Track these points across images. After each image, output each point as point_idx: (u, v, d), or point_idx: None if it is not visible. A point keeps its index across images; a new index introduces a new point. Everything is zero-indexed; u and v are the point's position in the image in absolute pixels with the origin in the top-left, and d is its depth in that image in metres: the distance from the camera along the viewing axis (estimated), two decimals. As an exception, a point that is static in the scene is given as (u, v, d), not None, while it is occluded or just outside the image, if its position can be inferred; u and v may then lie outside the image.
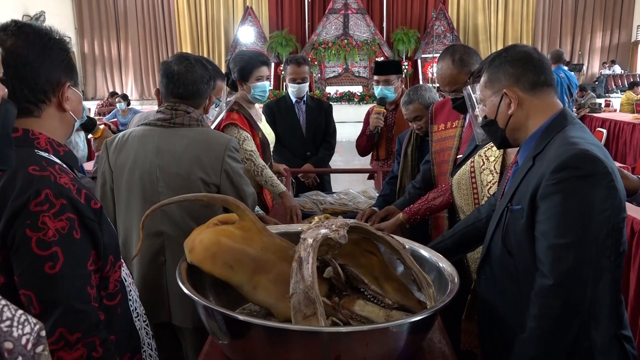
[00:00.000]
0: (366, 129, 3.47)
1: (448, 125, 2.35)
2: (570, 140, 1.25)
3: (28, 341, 0.72)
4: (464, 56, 2.09)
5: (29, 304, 1.07)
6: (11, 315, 0.72)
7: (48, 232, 1.07)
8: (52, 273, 1.07)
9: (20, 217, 1.06)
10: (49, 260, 1.07)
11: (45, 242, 1.07)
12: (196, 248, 1.39)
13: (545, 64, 1.39)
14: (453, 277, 1.39)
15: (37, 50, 1.14)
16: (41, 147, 1.17)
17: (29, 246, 1.06)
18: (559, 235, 1.19)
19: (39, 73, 1.15)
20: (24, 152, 1.13)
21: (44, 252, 1.07)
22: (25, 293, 1.08)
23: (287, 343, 1.18)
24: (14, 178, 1.09)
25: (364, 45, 15.57)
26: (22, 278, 1.08)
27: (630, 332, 1.32)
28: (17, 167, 1.09)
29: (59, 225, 1.09)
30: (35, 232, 1.07)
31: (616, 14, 16.26)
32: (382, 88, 3.36)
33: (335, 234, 1.28)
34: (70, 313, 1.09)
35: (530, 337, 1.24)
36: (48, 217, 1.08)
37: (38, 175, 1.10)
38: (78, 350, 1.09)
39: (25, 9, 13.94)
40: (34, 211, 1.07)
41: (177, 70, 1.82)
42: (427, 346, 1.40)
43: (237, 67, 2.78)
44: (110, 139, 1.91)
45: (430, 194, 2.15)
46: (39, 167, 1.12)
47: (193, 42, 16.76)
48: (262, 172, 2.63)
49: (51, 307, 1.08)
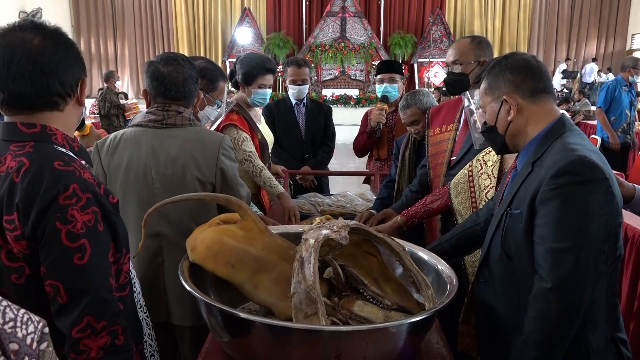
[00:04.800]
0: (366, 128, 3.45)
1: (443, 128, 2.38)
2: (569, 147, 1.28)
3: (33, 340, 0.73)
4: (482, 42, 2.27)
5: (55, 294, 1.12)
6: (14, 316, 0.72)
7: (77, 224, 1.12)
8: (81, 264, 1.13)
9: (50, 210, 1.11)
10: (77, 252, 1.12)
11: (74, 234, 1.12)
12: (198, 247, 1.40)
13: (543, 72, 1.42)
14: (451, 279, 1.41)
15: (63, 46, 1.20)
16: (58, 143, 1.21)
17: (58, 238, 1.11)
18: (558, 240, 1.21)
19: (68, 68, 1.21)
20: (46, 147, 1.18)
21: (73, 243, 1.12)
22: (52, 283, 1.12)
23: (289, 341, 1.20)
24: (41, 173, 1.12)
25: (360, 48, 15.63)
26: (51, 269, 1.12)
27: (625, 335, 1.34)
28: (43, 162, 1.14)
29: (86, 219, 1.14)
30: (64, 224, 1.11)
31: (611, 23, 16.42)
32: (386, 85, 3.37)
33: (336, 235, 1.29)
34: (97, 302, 1.14)
35: (528, 339, 1.26)
36: (76, 210, 1.13)
37: (64, 170, 1.14)
38: (102, 338, 1.14)
39: (22, 6, 13.89)
40: (63, 205, 1.11)
41: (166, 72, 1.80)
42: (425, 347, 1.42)
43: (242, 69, 2.79)
44: (101, 141, 1.89)
45: (428, 197, 2.17)
46: (63, 162, 1.16)
47: (190, 42, 16.75)
48: (260, 173, 2.64)
49: (79, 296, 1.13)
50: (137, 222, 1.80)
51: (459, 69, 2.24)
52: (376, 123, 3.35)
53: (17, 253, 1.13)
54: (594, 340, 1.28)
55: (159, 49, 16.70)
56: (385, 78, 3.39)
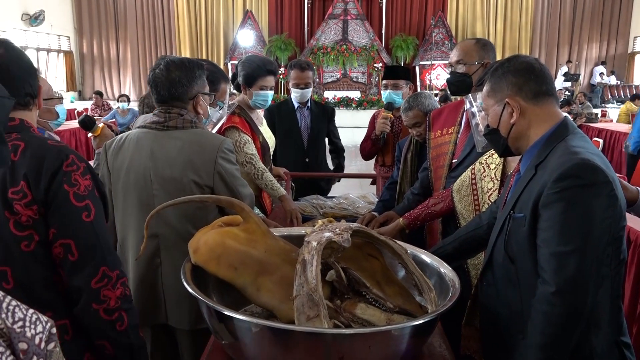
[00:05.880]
0: (371, 133, 3.42)
1: (444, 131, 2.38)
2: (572, 150, 1.27)
3: (41, 340, 0.73)
4: (487, 45, 2.28)
5: (66, 252, 1.26)
6: (23, 316, 0.73)
7: (80, 187, 1.28)
8: (89, 221, 1.28)
9: (58, 175, 1.25)
10: (84, 210, 1.28)
11: (80, 195, 1.28)
12: (201, 249, 1.41)
13: (546, 74, 1.42)
14: (454, 282, 1.41)
15: (27, 58, 1.36)
16: (35, 134, 1.34)
17: (67, 198, 1.26)
18: (561, 243, 1.21)
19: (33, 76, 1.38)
20: (32, 134, 1.32)
21: (80, 203, 1.28)
22: (63, 242, 1.26)
23: (291, 344, 1.20)
24: (41, 147, 1.27)
25: (362, 51, 15.63)
26: (62, 228, 1.26)
27: (629, 339, 1.34)
28: (37, 141, 1.29)
29: (86, 183, 1.30)
30: (71, 187, 1.27)
31: (613, 25, 16.40)
32: (390, 92, 3.32)
33: (339, 238, 1.29)
34: (108, 253, 1.30)
35: (531, 343, 1.25)
36: (78, 175, 1.29)
37: (60, 145, 1.31)
38: (119, 289, 1.30)
39: (25, 8, 13.92)
40: (67, 170, 1.27)
41: (155, 74, 1.83)
42: (427, 350, 1.42)
43: (243, 71, 2.79)
44: (109, 142, 1.92)
45: (431, 200, 2.17)
46: (54, 140, 1.33)
47: (192, 44, 16.77)
48: (262, 175, 2.64)
49: (92, 249, 1.27)
50: (137, 222, 1.82)
51: (462, 69, 2.23)
52: (381, 132, 3.33)
53: (25, 221, 1.24)
54: (598, 343, 1.27)
55: (161, 51, 16.71)
56: (389, 84, 3.34)
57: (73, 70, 16.43)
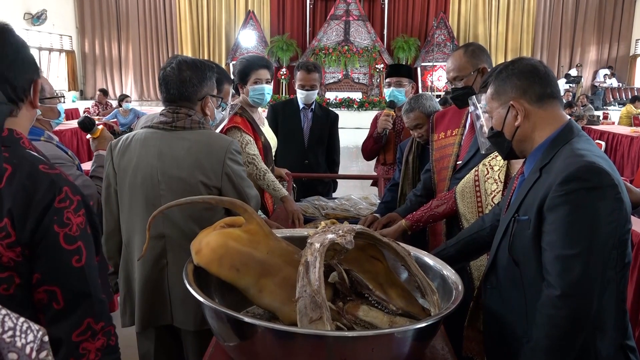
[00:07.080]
0: (373, 132, 3.43)
1: (448, 133, 2.38)
2: (577, 153, 1.27)
3: (32, 349, 0.72)
4: (476, 50, 2.25)
5: (50, 300, 1.10)
6: (13, 325, 0.71)
7: (72, 227, 1.12)
8: (79, 266, 1.12)
9: (48, 214, 1.09)
10: (75, 254, 1.12)
11: (72, 237, 1.11)
12: (203, 250, 1.40)
13: (551, 77, 1.41)
14: (457, 284, 1.40)
15: (12, 48, 1.14)
16: (26, 147, 1.17)
17: (57, 241, 1.10)
18: (567, 246, 1.20)
19: (19, 71, 1.15)
20: (22, 151, 1.14)
21: (71, 246, 1.11)
22: (48, 289, 1.10)
23: (293, 346, 1.19)
24: (30, 177, 1.10)
25: (364, 52, 15.64)
26: (47, 274, 1.10)
27: (634, 343, 1.33)
28: (27, 166, 1.10)
29: (79, 221, 1.14)
30: (62, 228, 1.10)
31: (615, 28, 16.39)
32: (393, 89, 3.34)
33: (342, 239, 1.29)
34: (96, 303, 1.14)
35: (536, 346, 1.25)
36: (70, 213, 1.12)
37: (53, 174, 1.13)
38: (100, 340, 1.14)
39: (27, 7, 13.94)
40: (59, 207, 1.10)
41: (166, 73, 1.83)
42: (429, 353, 1.41)
43: (236, 70, 2.82)
44: (115, 141, 1.91)
45: (434, 201, 2.17)
46: (47, 165, 1.14)
47: (194, 44, 16.79)
48: (264, 176, 2.64)
49: (79, 298, 1.12)
50: (143, 222, 1.80)
51: (461, 84, 2.23)
52: (382, 129, 3.34)
53: (6, 262, 1.07)
54: (603, 347, 1.26)
55: (163, 51, 16.74)
56: (393, 82, 3.36)
57: (75, 69, 16.45)
